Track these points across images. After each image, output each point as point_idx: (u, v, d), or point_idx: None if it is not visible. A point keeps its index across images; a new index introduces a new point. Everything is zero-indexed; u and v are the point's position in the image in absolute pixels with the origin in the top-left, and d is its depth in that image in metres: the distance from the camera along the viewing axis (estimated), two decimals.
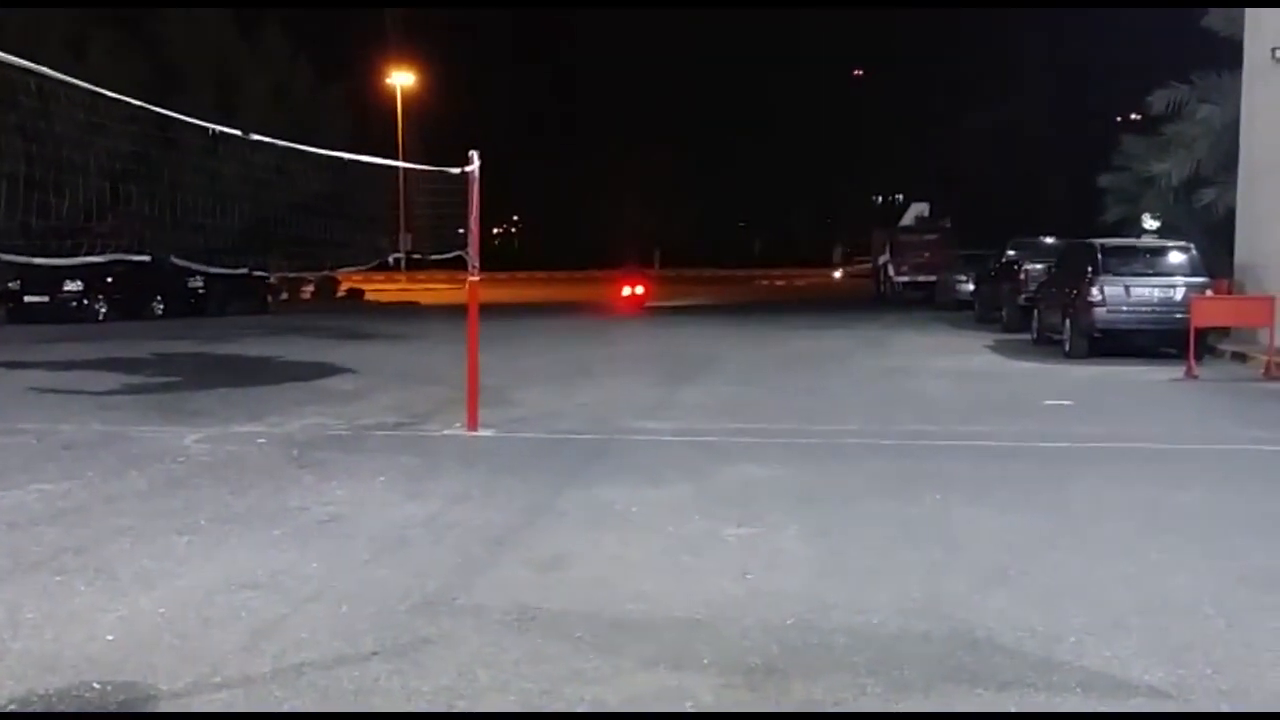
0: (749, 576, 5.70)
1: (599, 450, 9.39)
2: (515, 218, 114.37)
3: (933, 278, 38.22)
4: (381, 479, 8.13)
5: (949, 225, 43.90)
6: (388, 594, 5.39)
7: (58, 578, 5.65)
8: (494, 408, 11.24)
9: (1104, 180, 27.27)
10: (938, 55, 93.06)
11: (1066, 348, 17.89)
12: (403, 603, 5.26)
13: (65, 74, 6.79)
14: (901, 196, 75.64)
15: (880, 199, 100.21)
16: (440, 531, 6.61)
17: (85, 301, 27.45)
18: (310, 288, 44.18)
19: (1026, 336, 20.84)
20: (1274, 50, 18.48)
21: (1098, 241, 18.81)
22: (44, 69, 6.36)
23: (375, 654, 4.60)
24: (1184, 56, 24.58)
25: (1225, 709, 4.15)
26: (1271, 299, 15.82)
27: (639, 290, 38.57)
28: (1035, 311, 20.68)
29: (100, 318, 27.37)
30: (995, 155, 73.50)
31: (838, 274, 78.93)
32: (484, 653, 4.62)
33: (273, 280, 36.52)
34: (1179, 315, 16.27)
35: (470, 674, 4.39)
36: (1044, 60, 70.06)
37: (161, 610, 5.15)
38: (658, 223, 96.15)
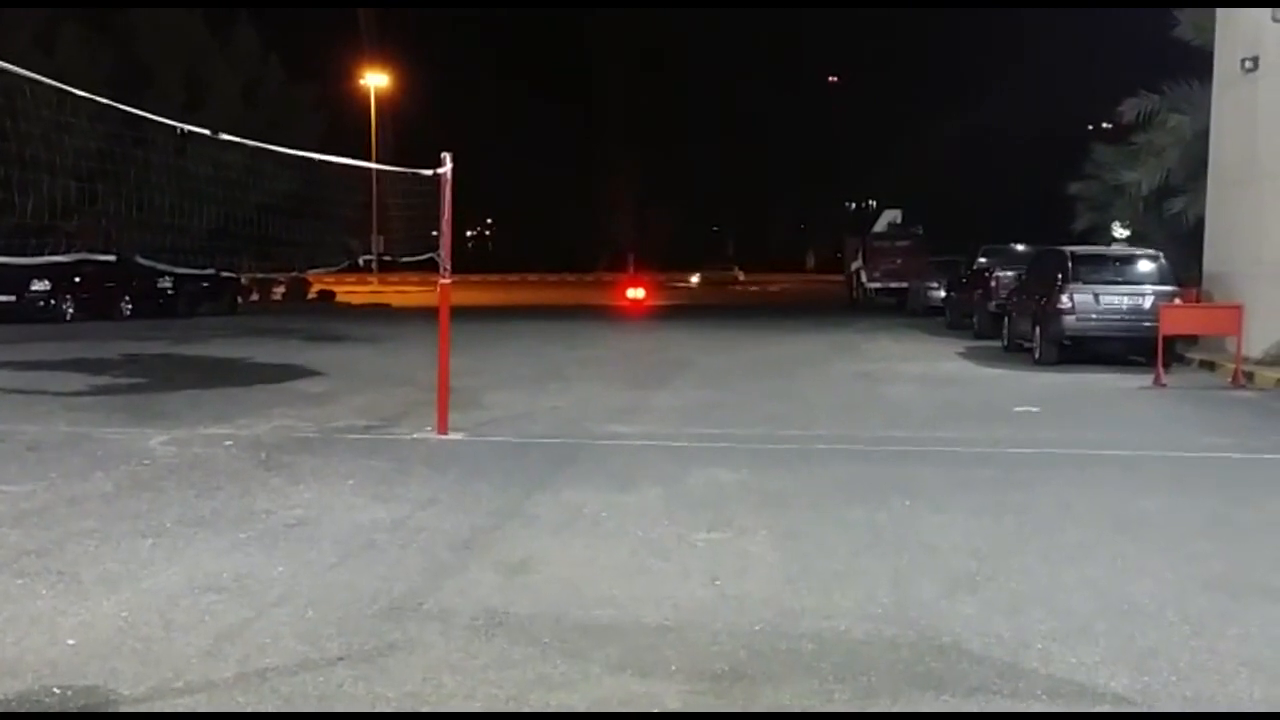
0: (717, 582, 5.70)
1: (569, 454, 9.37)
2: (489, 220, 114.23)
3: (905, 284, 38.39)
4: (350, 482, 8.08)
5: (921, 232, 44.11)
6: (354, 598, 5.35)
7: (19, 580, 5.58)
8: (464, 411, 11.21)
9: (1074, 188, 27.49)
10: (911, 63, 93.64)
11: (1036, 355, 17.99)
12: (369, 607, 5.23)
13: (33, 71, 6.72)
14: (875, 203, 75.99)
15: (854, 205, 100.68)
16: (408, 535, 6.57)
17: (53, 301, 27.17)
18: (281, 289, 43.96)
19: (997, 343, 20.94)
20: (1243, 61, 18.66)
21: (1068, 249, 18.95)
22: (10, 66, 6.29)
23: (341, 659, 4.56)
24: (1155, 66, 24.82)
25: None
26: (1239, 308, 15.96)
27: (640, 293, 40.58)
28: (1006, 318, 20.78)
29: (68, 318, 27.10)
30: (967, 163, 73.99)
31: (695, 279, 73.18)
32: (451, 658, 4.59)
33: (243, 281, 36.31)
34: (1148, 323, 16.38)
35: (436, 679, 4.36)
36: (1016, 69, 70.56)
37: (124, 614, 5.09)
38: (632, 226, 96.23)
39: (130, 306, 29.10)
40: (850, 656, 4.65)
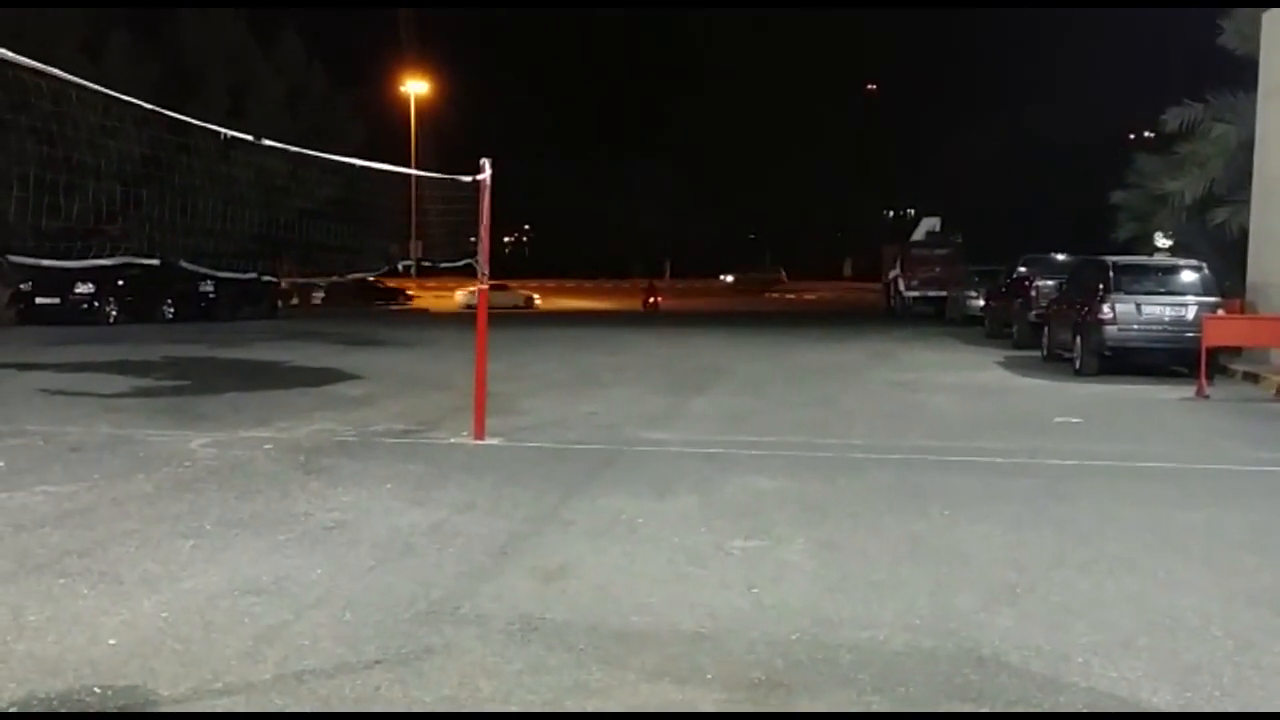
0: (754, 590, 5.67)
1: (606, 460, 9.37)
2: (527, 226, 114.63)
3: (943, 293, 38.21)
4: (388, 486, 8.11)
5: (960, 240, 43.87)
6: (391, 601, 5.37)
7: (61, 580, 5.64)
8: (502, 416, 11.23)
9: (1116, 197, 27.23)
10: (951, 71, 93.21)
11: (1077, 365, 17.83)
12: (406, 611, 5.24)
13: (80, 77, 6.80)
14: (913, 211, 75.65)
15: (892, 213, 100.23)
16: (445, 540, 6.59)
17: (96, 304, 27.54)
18: (321, 293, 44.30)
19: (1037, 353, 20.78)
20: None
21: (1109, 259, 18.75)
22: (58, 71, 6.37)
23: (378, 662, 4.58)
24: (1199, 75, 24.59)
25: None
26: None
27: (658, 300, 48.96)
28: (1046, 328, 20.62)
29: (111, 320, 27.47)
30: (1008, 171, 73.54)
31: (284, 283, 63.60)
32: (487, 663, 4.59)
33: (283, 285, 36.63)
34: (1190, 334, 16.20)
35: (472, 684, 4.37)
36: (1059, 77, 70.10)
37: (164, 614, 5.13)
38: (669, 233, 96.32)
39: (172, 309, 29.45)
40: (888, 667, 4.61)
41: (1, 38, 6.52)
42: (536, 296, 53.02)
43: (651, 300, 49.20)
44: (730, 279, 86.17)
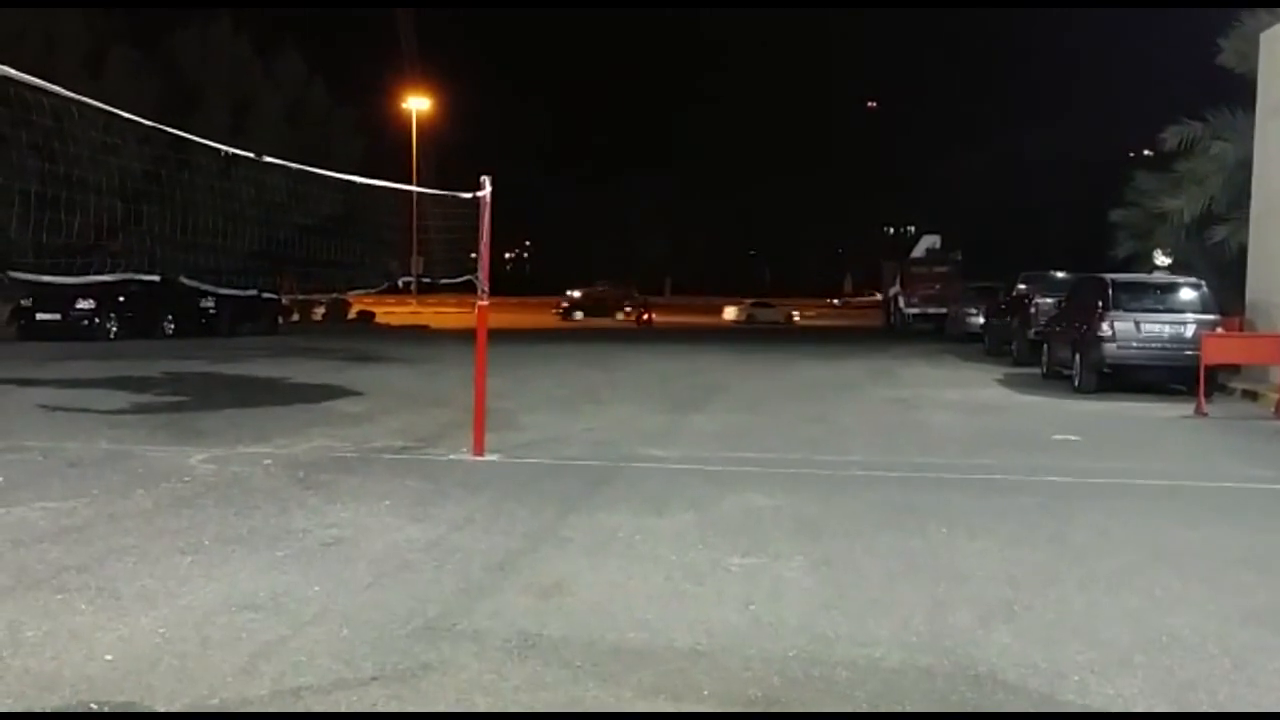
0: (751, 607, 5.67)
1: (604, 477, 9.37)
2: (527, 242, 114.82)
3: (943, 310, 38.29)
4: (386, 502, 8.11)
5: (960, 257, 43.96)
6: (389, 618, 5.37)
7: (59, 596, 5.64)
8: (501, 432, 11.24)
9: (1116, 215, 27.28)
10: (951, 89, 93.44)
11: (1076, 382, 17.84)
12: (403, 627, 5.24)
13: (81, 93, 6.84)
14: (913, 228, 75.68)
15: (891, 230, 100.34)
16: (443, 556, 6.59)
17: (97, 320, 27.55)
18: (321, 309, 44.30)
19: (1036, 370, 20.80)
20: None
21: (1109, 277, 18.79)
22: (59, 89, 6.41)
23: (375, 679, 4.58)
24: (1197, 93, 24.68)
25: None
26: None
27: (650, 316, 52.35)
28: (1045, 345, 20.64)
29: (111, 336, 27.47)
30: (1007, 188, 73.66)
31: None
32: (483, 679, 4.59)
33: (284, 301, 36.65)
34: (1189, 352, 16.21)
35: (469, 701, 4.37)
36: (1060, 95, 70.28)
37: (162, 630, 5.13)
38: (669, 251, 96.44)
39: (173, 325, 29.47)
40: (885, 685, 4.61)
41: (1, 53, 6.56)
42: (796, 313, 55.49)
43: (645, 316, 52.32)
44: (578, 294, 74.40)
